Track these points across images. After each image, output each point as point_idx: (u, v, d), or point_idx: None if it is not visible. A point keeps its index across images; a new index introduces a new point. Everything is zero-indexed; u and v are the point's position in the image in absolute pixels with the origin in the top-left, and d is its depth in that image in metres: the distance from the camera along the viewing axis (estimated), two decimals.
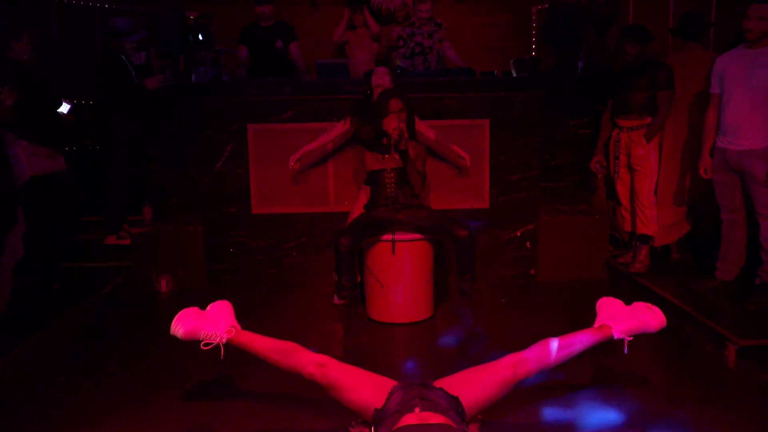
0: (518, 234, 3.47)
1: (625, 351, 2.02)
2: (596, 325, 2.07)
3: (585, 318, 2.22)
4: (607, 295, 2.18)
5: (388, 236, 2.82)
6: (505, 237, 3.47)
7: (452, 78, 3.46)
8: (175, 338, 2.06)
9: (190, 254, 3.44)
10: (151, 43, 4.06)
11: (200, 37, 4.22)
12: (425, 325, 2.90)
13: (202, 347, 2.05)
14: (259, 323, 2.23)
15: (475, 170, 3.38)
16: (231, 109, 3.35)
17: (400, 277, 2.85)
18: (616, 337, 2.01)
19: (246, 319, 2.18)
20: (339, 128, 3.15)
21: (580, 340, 1.98)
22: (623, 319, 2.03)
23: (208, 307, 2.12)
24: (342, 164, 3.39)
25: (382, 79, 3.05)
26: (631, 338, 2.01)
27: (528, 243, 3.48)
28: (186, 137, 3.56)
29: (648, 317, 2.02)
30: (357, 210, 3.04)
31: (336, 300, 2.99)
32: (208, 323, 2.04)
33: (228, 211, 3.44)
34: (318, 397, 1.93)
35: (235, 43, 4.15)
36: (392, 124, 2.77)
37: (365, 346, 2.69)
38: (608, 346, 2.08)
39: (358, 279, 2.91)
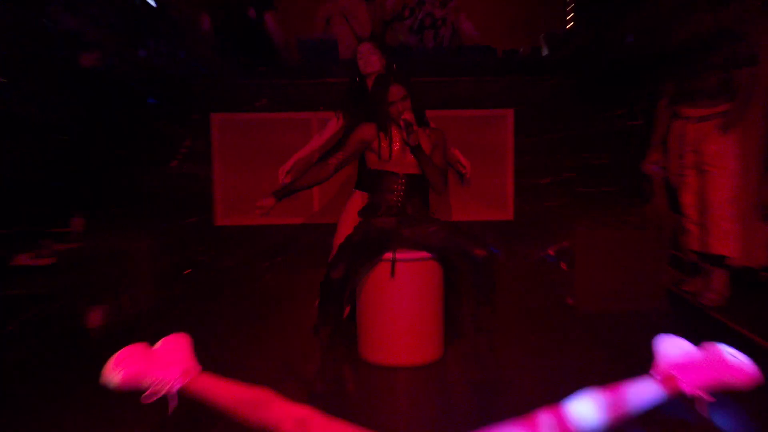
0: (551, 252, 3.43)
1: (705, 415, 1.80)
2: (656, 374, 1.89)
3: (640, 363, 2.02)
4: (670, 332, 1.96)
5: (387, 254, 2.76)
6: (534, 256, 3.44)
7: (466, 58, 3.47)
8: (109, 388, 1.87)
9: (133, 278, 3.33)
10: (84, 6, 3.95)
11: (151, 0, 4.11)
12: (432, 370, 2.83)
13: (143, 400, 1.88)
14: (222, 365, 2.08)
15: (496, 172, 3.38)
16: (190, 94, 3.33)
17: (402, 307, 2.81)
18: (687, 393, 1.81)
19: (206, 359, 2.02)
20: (332, 127, 3.12)
21: (637, 396, 1.78)
22: (695, 367, 1.84)
23: (158, 344, 2.02)
24: None
25: (369, 60, 2.96)
26: (711, 398, 1.79)
27: (563, 264, 3.46)
28: (131, 129, 3.48)
29: (731, 367, 1.81)
30: (346, 223, 3.01)
31: (319, 335, 2.84)
32: (157, 365, 1.90)
33: (185, 223, 3.40)
34: None
35: (196, 11, 4.09)
36: (397, 115, 2.71)
37: (357, 395, 2.63)
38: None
39: (347, 310, 2.82)
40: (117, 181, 3.58)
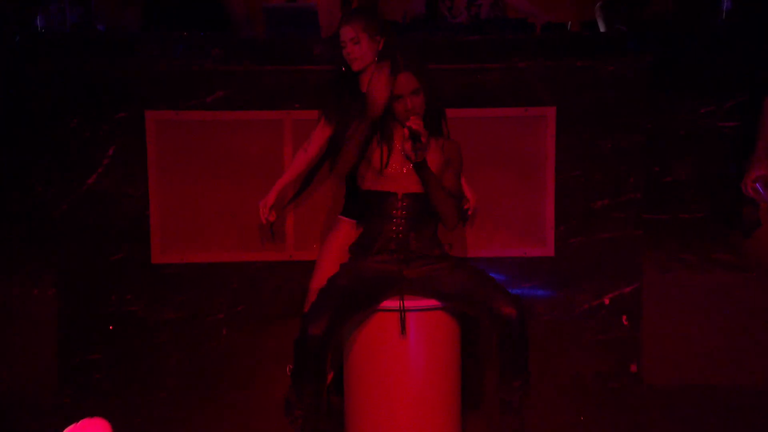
0: (606, 302, 3.39)
1: None
2: None
3: None
4: None
5: (390, 302, 2.75)
6: (584, 306, 3.38)
7: (492, 36, 3.34)
8: None
9: (31, 337, 3.31)
10: None
11: None
12: None
13: None
14: None
15: (531, 192, 3.34)
16: (114, 84, 3.26)
17: (407, 375, 2.78)
18: None
19: None
20: (317, 137, 3.15)
21: None
22: None
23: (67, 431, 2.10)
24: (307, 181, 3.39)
25: (355, 52, 2.88)
26: None
27: (624, 318, 3.39)
28: (30, 130, 3.39)
29: None
30: (328, 260, 3.03)
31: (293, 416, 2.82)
32: None
33: (108, 260, 3.32)
34: None
35: None
36: (404, 115, 2.72)
37: None
38: None
39: (330, 377, 2.89)
40: (11, 203, 3.45)
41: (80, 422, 2.07)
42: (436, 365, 2.80)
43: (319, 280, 2.93)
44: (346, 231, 3.04)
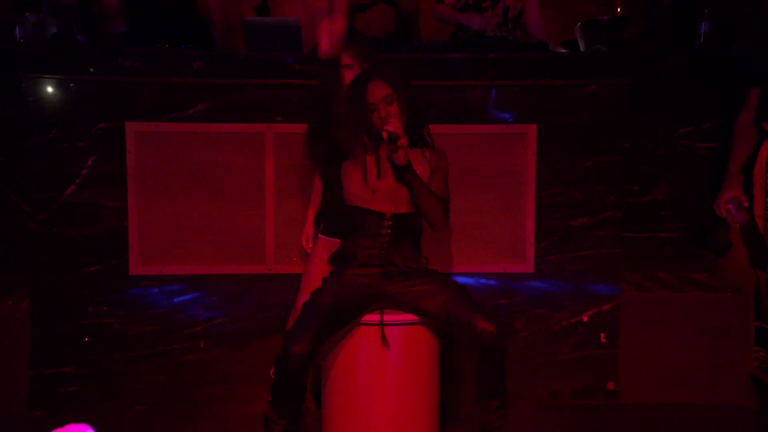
0: (584, 319, 3.35)
1: None
2: None
3: None
4: None
5: (370, 316, 2.74)
6: (562, 323, 3.34)
7: (473, 54, 3.33)
8: None
9: (4, 349, 3.25)
10: None
11: None
12: None
13: None
14: None
15: (511, 209, 3.31)
16: (94, 96, 3.24)
17: (384, 391, 2.75)
18: None
19: None
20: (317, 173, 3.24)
21: None
22: None
23: None
24: (288, 194, 3.33)
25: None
26: None
27: (603, 335, 3.35)
28: (3, 141, 3.39)
29: None
30: (314, 277, 2.96)
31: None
32: None
33: (84, 272, 3.28)
34: None
35: None
36: (380, 124, 2.68)
37: None
38: None
39: (308, 406, 2.88)
40: None
41: (65, 427, 2.01)
42: (415, 380, 2.77)
43: (305, 296, 2.91)
44: (329, 250, 2.94)
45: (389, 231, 2.75)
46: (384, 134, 2.61)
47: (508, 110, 3.26)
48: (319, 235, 3.06)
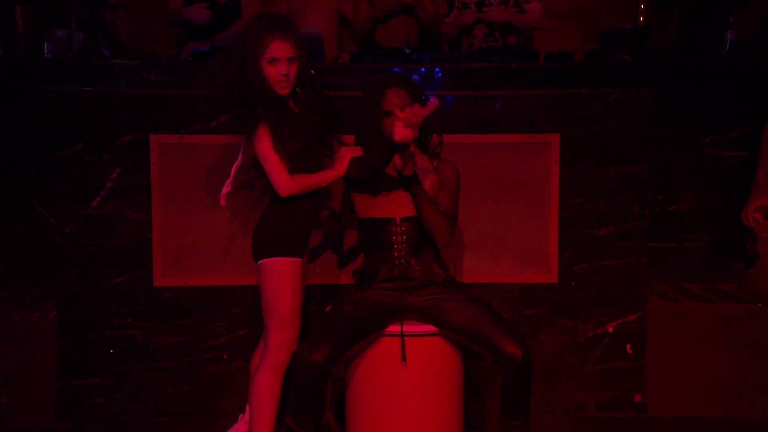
0: (610, 330, 3.32)
1: None
2: None
3: None
4: None
5: (392, 327, 2.73)
6: (587, 334, 3.31)
7: (496, 64, 3.33)
8: None
9: (30, 362, 3.26)
10: None
11: None
12: None
13: None
14: None
15: (534, 219, 3.28)
16: (119, 108, 3.24)
17: (407, 404, 2.73)
18: None
19: None
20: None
21: None
22: None
23: None
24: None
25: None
26: None
27: (629, 347, 3.31)
28: (32, 153, 3.35)
29: None
30: None
31: None
32: None
33: (109, 284, 3.28)
34: None
35: None
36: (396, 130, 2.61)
37: None
38: None
39: (329, 419, 2.78)
40: (11, 226, 3.39)
41: None
42: (438, 392, 2.75)
43: None
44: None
45: (403, 236, 2.73)
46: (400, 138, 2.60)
47: (531, 120, 3.25)
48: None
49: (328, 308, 2.83)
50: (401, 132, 2.52)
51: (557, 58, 3.55)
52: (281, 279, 2.64)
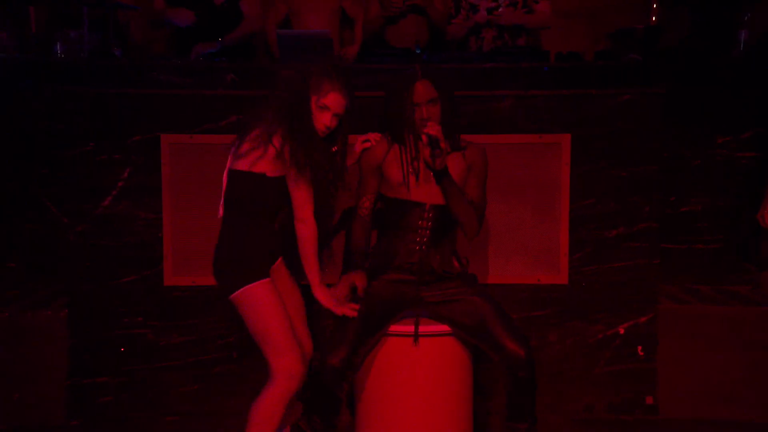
0: (621, 332, 3.31)
1: None
2: None
3: None
4: None
5: (402, 326, 2.71)
6: (598, 336, 3.31)
7: (506, 63, 3.33)
8: None
9: (40, 360, 3.26)
10: None
11: None
12: None
13: None
14: None
15: (544, 220, 3.28)
16: (130, 108, 3.26)
17: (416, 401, 2.73)
18: None
19: None
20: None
21: None
22: None
23: None
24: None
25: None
26: None
27: (640, 348, 3.30)
28: (43, 153, 3.35)
29: None
30: None
31: None
32: None
33: (120, 283, 3.30)
34: None
35: None
36: (420, 124, 2.65)
37: None
38: None
39: (341, 418, 2.77)
40: (22, 225, 3.39)
41: None
42: (447, 391, 2.75)
43: None
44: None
45: (429, 223, 2.71)
46: (424, 137, 2.61)
47: (541, 120, 3.24)
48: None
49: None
50: (433, 127, 2.54)
51: (567, 58, 3.54)
52: (259, 305, 2.52)
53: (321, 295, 2.53)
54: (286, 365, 2.46)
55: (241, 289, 2.50)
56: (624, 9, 4.80)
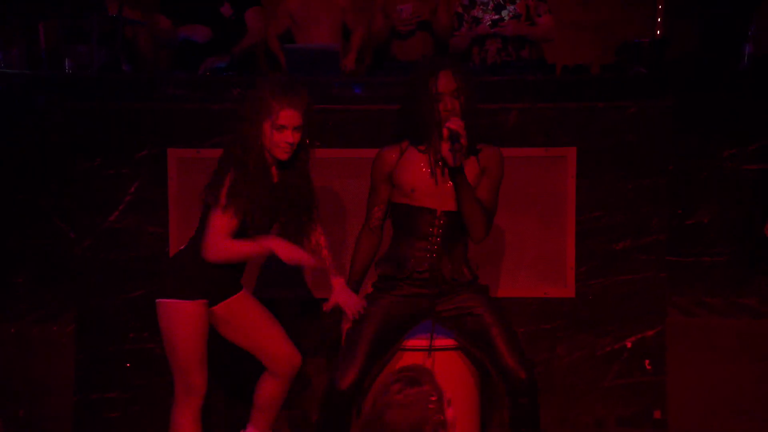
0: (628, 345, 3.30)
1: None
2: None
3: None
4: None
5: (415, 342, 2.69)
6: (605, 349, 3.30)
7: (512, 76, 3.35)
8: None
9: (48, 375, 3.27)
10: None
11: None
12: None
13: None
14: None
15: (551, 232, 3.28)
16: (137, 123, 3.28)
17: None
18: None
19: None
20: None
21: None
22: None
23: None
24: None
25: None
26: None
27: (647, 362, 3.29)
28: (51, 167, 3.40)
29: None
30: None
31: None
32: None
33: (127, 297, 3.30)
34: None
35: (148, 11, 4.10)
36: (442, 117, 2.57)
37: None
38: None
39: None
40: (29, 239, 3.41)
41: None
42: (467, 412, 2.73)
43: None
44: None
45: (439, 230, 2.67)
46: (445, 130, 2.55)
47: (547, 133, 3.24)
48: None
49: (346, 326, 2.76)
50: (455, 121, 2.50)
51: (574, 70, 3.57)
52: (173, 323, 2.51)
53: (277, 245, 2.50)
54: (186, 386, 2.57)
55: (168, 300, 2.52)
56: (630, 22, 4.85)
